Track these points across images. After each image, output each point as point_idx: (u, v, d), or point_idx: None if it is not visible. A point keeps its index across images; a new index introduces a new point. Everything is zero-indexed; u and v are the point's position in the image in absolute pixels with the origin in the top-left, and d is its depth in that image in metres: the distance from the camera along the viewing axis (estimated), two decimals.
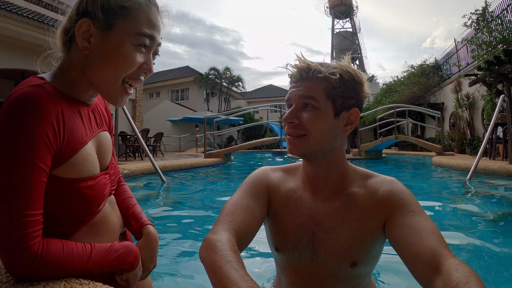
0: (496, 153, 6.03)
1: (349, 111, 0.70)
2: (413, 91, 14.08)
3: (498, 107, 4.36)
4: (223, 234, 0.59)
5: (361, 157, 8.91)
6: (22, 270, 0.50)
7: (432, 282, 0.51)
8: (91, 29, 0.57)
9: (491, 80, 7.89)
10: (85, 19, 0.56)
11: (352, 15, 38.20)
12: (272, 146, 17.02)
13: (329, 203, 0.73)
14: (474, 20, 8.46)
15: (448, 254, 0.53)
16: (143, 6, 0.58)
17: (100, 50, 0.57)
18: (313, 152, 0.70)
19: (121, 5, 0.57)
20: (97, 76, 0.59)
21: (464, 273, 0.47)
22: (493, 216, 2.34)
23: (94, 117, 0.66)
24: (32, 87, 0.52)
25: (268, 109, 11.02)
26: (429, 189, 3.88)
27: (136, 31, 0.57)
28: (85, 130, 0.61)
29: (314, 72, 0.67)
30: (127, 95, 0.62)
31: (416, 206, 0.66)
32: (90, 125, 0.64)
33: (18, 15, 6.61)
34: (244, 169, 7.01)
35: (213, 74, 22.76)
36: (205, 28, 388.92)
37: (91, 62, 0.58)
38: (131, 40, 0.57)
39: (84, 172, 0.59)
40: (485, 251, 1.64)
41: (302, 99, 0.68)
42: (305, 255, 0.72)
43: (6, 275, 0.55)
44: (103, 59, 0.57)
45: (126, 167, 4.32)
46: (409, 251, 0.57)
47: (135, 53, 0.58)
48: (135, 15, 0.57)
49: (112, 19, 0.56)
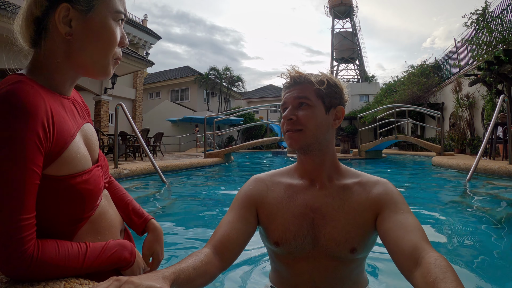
0: (496, 153, 6.03)
1: (336, 108, 0.82)
2: (413, 91, 14.09)
3: (498, 107, 4.36)
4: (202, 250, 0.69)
5: (361, 157, 8.91)
6: (19, 273, 0.50)
7: (412, 274, 0.57)
8: (70, 13, 0.56)
9: (491, 80, 7.89)
10: (64, 4, 0.55)
11: (352, 15, 38.18)
12: (272, 146, 17.03)
13: (325, 191, 0.80)
14: (474, 20, 8.46)
15: (428, 248, 0.60)
16: None
17: (84, 33, 0.57)
18: (310, 144, 0.79)
19: None
20: (86, 58, 0.58)
21: (442, 268, 0.52)
22: (493, 216, 2.34)
23: (75, 109, 0.65)
24: (16, 85, 0.49)
25: (268, 109, 11.02)
26: (429, 189, 3.88)
27: (114, 8, 0.60)
28: (71, 123, 0.60)
29: (305, 77, 0.80)
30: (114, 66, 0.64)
31: (405, 206, 0.74)
32: (74, 117, 0.62)
33: None
34: (244, 169, 7.01)
35: (213, 74, 22.75)
36: (206, 28, 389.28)
37: (77, 46, 0.57)
38: (113, 17, 0.60)
39: (77, 166, 0.57)
40: (485, 251, 1.64)
41: (298, 100, 0.79)
42: (306, 243, 0.76)
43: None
44: (90, 40, 0.58)
45: (126, 167, 4.32)
46: (394, 243, 0.64)
47: (116, 29, 0.61)
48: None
49: (93, 1, 0.57)
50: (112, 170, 4.09)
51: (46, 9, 0.55)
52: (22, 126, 0.47)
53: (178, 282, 0.54)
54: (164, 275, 0.52)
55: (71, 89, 0.64)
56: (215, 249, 0.70)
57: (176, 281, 0.53)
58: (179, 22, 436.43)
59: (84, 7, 0.56)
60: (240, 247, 0.75)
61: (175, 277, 0.53)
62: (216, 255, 0.68)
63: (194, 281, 0.58)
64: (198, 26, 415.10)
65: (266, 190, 0.84)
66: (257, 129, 21.74)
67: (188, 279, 0.56)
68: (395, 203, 0.73)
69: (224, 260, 0.70)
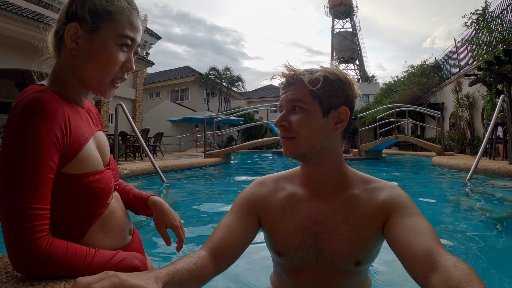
0: (496, 153, 6.03)
1: (337, 110, 0.72)
2: (413, 91, 14.09)
3: (498, 107, 4.36)
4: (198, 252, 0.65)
5: (361, 157, 8.91)
6: (24, 262, 0.51)
7: (428, 279, 0.52)
8: (79, 31, 0.62)
9: (491, 80, 7.89)
10: (74, 23, 0.62)
11: (352, 15, 38.20)
12: (272, 146, 17.02)
13: (330, 204, 0.74)
14: (474, 20, 8.46)
15: (443, 251, 0.55)
16: (126, 11, 0.65)
17: (87, 50, 0.63)
18: (306, 153, 0.72)
19: (106, 9, 0.63)
20: (86, 74, 0.64)
21: (465, 271, 0.47)
22: (493, 216, 2.34)
23: (90, 117, 0.72)
24: (38, 93, 0.57)
25: (268, 109, 11.01)
26: (429, 189, 3.88)
27: (119, 32, 0.63)
28: (86, 128, 0.66)
29: (299, 76, 0.71)
30: (115, 88, 0.68)
31: (414, 209, 0.68)
32: (89, 124, 0.69)
33: (18, 15, 6.62)
34: (244, 169, 7.01)
35: (213, 74, 22.76)
36: (206, 28, 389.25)
37: (80, 62, 0.63)
38: (115, 40, 0.63)
39: (90, 167, 0.63)
40: (485, 251, 1.64)
41: (291, 103, 0.72)
42: (309, 256, 0.73)
43: (6, 275, 0.55)
44: (90, 58, 0.63)
45: (126, 167, 4.32)
46: (405, 248, 0.59)
47: (118, 52, 0.64)
48: (118, 18, 0.63)
49: (98, 22, 0.62)
50: None
51: (64, 24, 0.63)
52: (42, 126, 0.54)
53: (171, 284, 0.52)
54: (157, 276, 0.50)
55: (84, 99, 0.70)
56: (211, 252, 0.66)
57: (170, 283, 0.52)
58: (180, 22, 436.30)
59: (89, 28, 0.62)
60: (237, 253, 0.72)
61: (168, 279, 0.52)
62: (212, 259, 0.65)
63: (187, 284, 0.56)
64: (199, 26, 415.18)
65: (269, 195, 0.80)
66: (257, 129, 21.74)
67: (181, 282, 0.55)
68: (403, 207, 0.68)
69: (220, 265, 0.67)
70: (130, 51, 0.66)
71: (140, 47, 0.73)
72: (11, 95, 10.45)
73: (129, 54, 0.66)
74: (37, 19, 6.94)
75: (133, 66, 0.68)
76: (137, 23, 0.67)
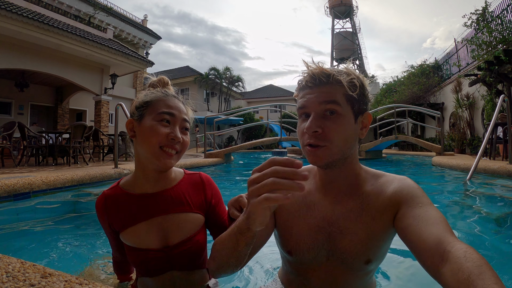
0: (496, 153, 6.03)
1: (363, 115, 0.71)
2: (413, 91, 14.07)
3: (498, 107, 4.36)
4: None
5: (361, 157, 8.92)
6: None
7: (439, 271, 0.50)
8: (134, 123, 0.82)
9: (491, 80, 7.89)
10: (130, 119, 0.83)
11: (352, 15, 38.18)
12: (272, 146, 17.01)
13: (344, 204, 0.73)
14: (474, 20, 8.46)
15: (453, 240, 0.52)
16: (161, 97, 0.82)
17: (139, 134, 0.81)
18: (335, 161, 0.68)
19: (145, 101, 0.82)
20: (142, 152, 0.81)
21: (475, 262, 0.45)
22: (493, 216, 2.34)
23: (156, 202, 0.84)
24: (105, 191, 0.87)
25: (268, 109, 11.02)
26: (429, 189, 3.87)
27: (157, 111, 0.79)
28: (134, 215, 0.82)
29: (334, 76, 0.66)
30: (169, 157, 0.79)
31: (425, 198, 0.66)
32: (146, 210, 0.83)
33: (18, 15, 6.61)
34: (244, 169, 7.01)
35: (213, 74, 22.76)
36: (207, 28, 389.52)
37: (137, 144, 0.82)
38: (155, 118, 0.79)
39: (134, 243, 0.82)
40: (485, 250, 1.64)
41: (324, 105, 0.65)
42: (321, 255, 0.73)
43: (6, 275, 0.55)
44: (142, 138, 0.80)
45: (126, 167, 4.32)
46: (416, 239, 0.57)
47: (159, 126, 0.78)
48: (155, 103, 0.81)
49: (142, 111, 0.81)
50: (112, 170, 4.10)
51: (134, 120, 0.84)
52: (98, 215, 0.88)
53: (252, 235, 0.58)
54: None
55: (153, 186, 0.84)
56: None
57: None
58: (180, 22, 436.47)
59: (137, 118, 0.82)
60: (255, 249, 0.72)
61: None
62: None
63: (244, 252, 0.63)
64: (200, 26, 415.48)
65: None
66: (257, 129, 21.74)
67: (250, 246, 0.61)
68: (412, 198, 0.66)
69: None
70: (174, 125, 0.80)
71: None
72: (11, 95, 10.44)
73: (172, 127, 0.79)
74: (37, 19, 6.94)
75: (178, 136, 0.79)
76: (174, 103, 0.82)
